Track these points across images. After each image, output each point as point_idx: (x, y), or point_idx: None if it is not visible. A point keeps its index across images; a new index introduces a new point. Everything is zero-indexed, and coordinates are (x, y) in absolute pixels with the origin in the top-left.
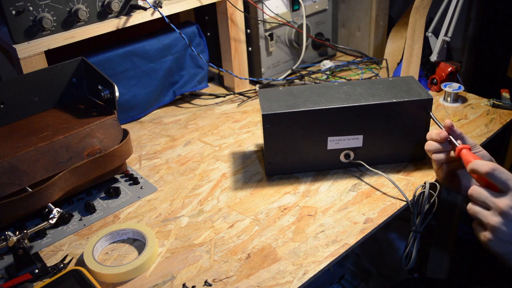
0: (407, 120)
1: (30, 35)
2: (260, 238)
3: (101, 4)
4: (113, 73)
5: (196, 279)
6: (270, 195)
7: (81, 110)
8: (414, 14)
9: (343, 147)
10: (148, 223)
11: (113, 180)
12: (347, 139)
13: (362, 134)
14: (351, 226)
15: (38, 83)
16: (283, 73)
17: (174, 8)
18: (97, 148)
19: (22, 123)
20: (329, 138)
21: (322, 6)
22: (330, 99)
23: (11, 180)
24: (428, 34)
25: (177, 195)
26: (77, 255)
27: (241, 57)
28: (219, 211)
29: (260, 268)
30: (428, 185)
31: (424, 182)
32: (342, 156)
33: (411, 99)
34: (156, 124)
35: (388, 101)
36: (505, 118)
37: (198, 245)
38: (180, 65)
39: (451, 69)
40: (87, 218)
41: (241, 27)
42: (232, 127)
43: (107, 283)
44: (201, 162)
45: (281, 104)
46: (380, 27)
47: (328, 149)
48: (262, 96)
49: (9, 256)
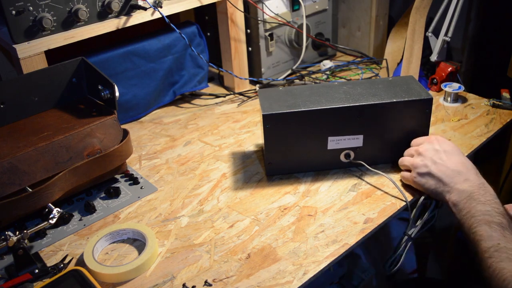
0: (407, 120)
1: (30, 35)
2: (260, 238)
3: (101, 4)
4: (113, 73)
5: (196, 279)
6: (270, 195)
7: (81, 110)
8: (414, 14)
9: (343, 147)
10: (148, 223)
11: (113, 180)
12: (347, 139)
13: (362, 134)
14: (351, 226)
15: (38, 83)
16: (283, 73)
17: (174, 8)
18: (97, 148)
19: (22, 123)
20: (330, 138)
21: (322, 6)
22: (330, 99)
23: (11, 180)
24: (428, 34)
25: (177, 195)
26: (77, 255)
27: (241, 57)
28: (219, 211)
29: (260, 268)
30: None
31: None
32: (342, 156)
33: (411, 99)
34: (156, 124)
35: (388, 101)
36: (505, 118)
37: (198, 245)
38: (180, 65)
39: (451, 69)
40: (87, 218)
41: (241, 27)
42: (232, 127)
43: (107, 283)
44: (201, 162)
45: (281, 104)
46: (380, 27)
47: (329, 149)
48: (262, 96)
49: (9, 256)
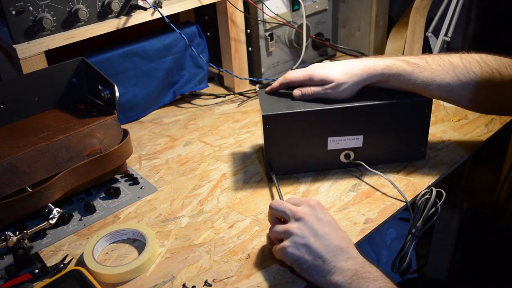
0: (407, 121)
1: (30, 35)
2: (260, 238)
3: (101, 4)
4: (113, 73)
5: (196, 279)
6: (270, 195)
7: (81, 110)
8: (414, 14)
9: (343, 147)
10: (148, 223)
11: (113, 180)
12: (347, 139)
13: (362, 134)
14: (351, 226)
15: (38, 83)
16: (283, 73)
17: (174, 8)
18: (97, 148)
19: (22, 123)
20: (329, 138)
21: (322, 6)
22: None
23: (11, 180)
24: (428, 34)
25: (177, 195)
26: (77, 255)
27: (241, 57)
28: (219, 211)
29: (260, 268)
30: (435, 193)
31: (431, 188)
32: (342, 156)
33: (411, 99)
34: (156, 124)
35: (388, 102)
36: (505, 118)
37: (198, 245)
38: (180, 65)
39: None
40: (87, 218)
41: (241, 27)
42: (232, 127)
43: (107, 283)
44: (201, 162)
45: (281, 105)
46: (380, 27)
47: (329, 149)
48: (262, 96)
49: (9, 256)
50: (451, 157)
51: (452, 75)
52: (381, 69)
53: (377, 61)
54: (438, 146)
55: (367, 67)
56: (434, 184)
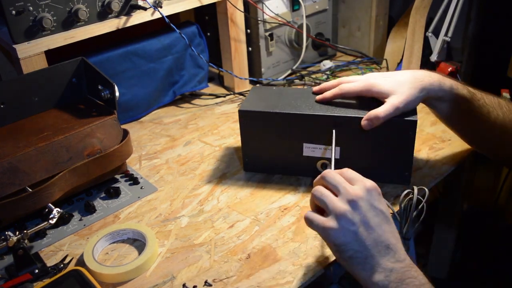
0: (389, 141)
1: (30, 35)
2: (260, 238)
3: (101, 4)
4: (113, 73)
5: (196, 279)
6: (270, 195)
7: (81, 110)
8: (414, 14)
9: (320, 156)
10: (148, 223)
11: (113, 180)
12: (322, 148)
13: (339, 146)
14: None
15: (38, 83)
16: (283, 73)
17: (174, 8)
18: (97, 148)
19: (22, 123)
20: (305, 144)
21: (322, 6)
22: (314, 105)
23: (11, 180)
24: (428, 34)
25: (177, 195)
26: (77, 255)
27: (241, 57)
28: (219, 211)
29: (260, 268)
30: (417, 191)
31: (412, 187)
32: (319, 165)
33: (393, 118)
34: (156, 124)
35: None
36: None
37: (198, 245)
38: (180, 65)
39: (451, 69)
40: (87, 218)
41: (241, 27)
42: (232, 127)
43: (107, 283)
44: (201, 162)
45: (262, 104)
46: (380, 27)
47: (304, 155)
48: (253, 92)
49: (9, 256)
50: (451, 157)
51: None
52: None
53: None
54: (439, 146)
55: (432, 79)
56: (434, 184)
